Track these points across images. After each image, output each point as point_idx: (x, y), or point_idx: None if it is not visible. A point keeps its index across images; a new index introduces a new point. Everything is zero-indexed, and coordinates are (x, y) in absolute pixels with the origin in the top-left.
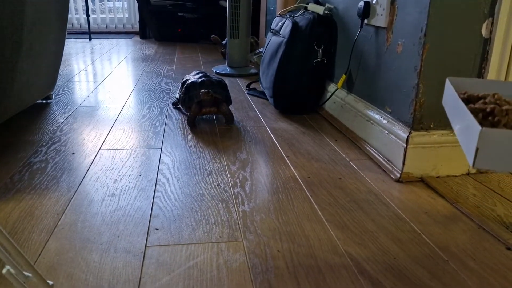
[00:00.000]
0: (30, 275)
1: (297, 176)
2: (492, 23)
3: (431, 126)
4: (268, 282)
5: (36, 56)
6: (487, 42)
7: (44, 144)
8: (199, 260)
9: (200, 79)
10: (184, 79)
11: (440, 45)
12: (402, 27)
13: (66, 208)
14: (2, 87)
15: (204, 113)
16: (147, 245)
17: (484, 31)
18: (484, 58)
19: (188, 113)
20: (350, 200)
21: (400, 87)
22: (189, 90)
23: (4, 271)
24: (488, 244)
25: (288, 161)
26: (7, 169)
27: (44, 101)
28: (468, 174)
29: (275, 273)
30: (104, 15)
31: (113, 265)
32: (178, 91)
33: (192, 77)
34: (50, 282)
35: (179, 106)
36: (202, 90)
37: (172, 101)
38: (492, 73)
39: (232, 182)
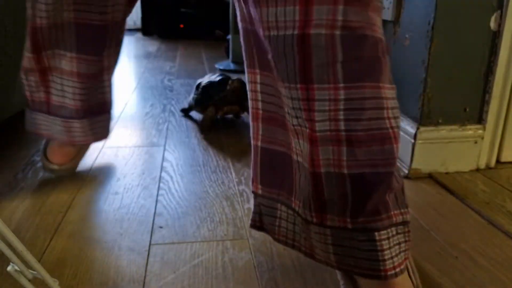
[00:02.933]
0: (35, 272)
1: None
2: (500, 16)
3: (440, 121)
4: (274, 280)
5: None
6: (495, 35)
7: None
8: (204, 258)
9: (218, 78)
10: (198, 82)
11: (448, 38)
12: (409, 20)
13: (70, 206)
14: (4, 85)
15: (225, 112)
16: (151, 243)
17: (492, 24)
18: (493, 51)
19: (204, 116)
20: None
21: (408, 82)
22: (207, 89)
23: (9, 268)
24: (498, 240)
25: None
26: (11, 167)
27: None
28: (478, 170)
29: (281, 271)
30: None
31: (117, 263)
32: (191, 94)
33: (208, 78)
34: (55, 280)
35: (193, 110)
36: (233, 78)
37: (182, 108)
38: (501, 66)
39: (236, 180)
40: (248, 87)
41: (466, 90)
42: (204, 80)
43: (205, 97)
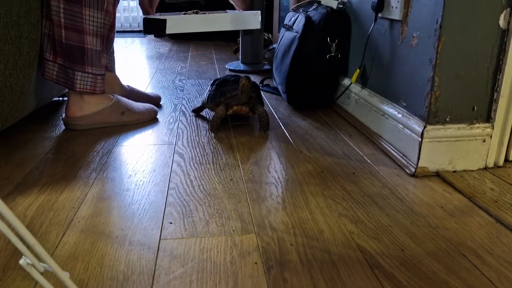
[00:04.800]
0: (46, 265)
1: (310, 171)
2: (510, 14)
3: (447, 119)
4: (281, 276)
5: None
6: (505, 33)
7: (60, 141)
8: (213, 253)
9: (233, 77)
10: (213, 80)
11: (456, 37)
12: (417, 19)
13: (82, 202)
14: (19, 84)
15: (235, 111)
16: (161, 238)
17: (502, 22)
18: (502, 49)
19: (214, 113)
20: (364, 195)
21: (415, 81)
22: (220, 86)
23: (21, 261)
24: (506, 239)
25: (301, 156)
26: (26, 164)
27: (60, 98)
28: (486, 168)
29: (289, 266)
30: (119, 14)
31: (128, 257)
32: (206, 92)
33: (223, 77)
34: (66, 273)
35: (206, 107)
36: (243, 76)
37: (193, 109)
38: (510, 65)
39: (245, 177)
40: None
41: (474, 89)
42: (220, 78)
43: (218, 94)
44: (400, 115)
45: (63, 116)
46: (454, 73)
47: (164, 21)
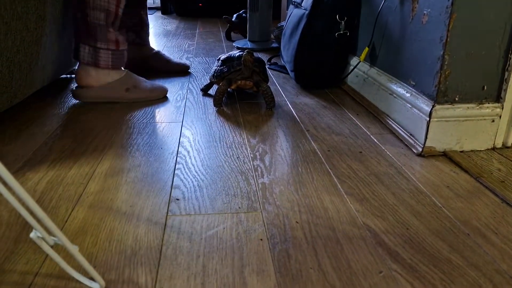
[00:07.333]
0: (56, 239)
1: (317, 150)
2: None
3: (456, 99)
4: (286, 252)
5: (60, 31)
6: None
7: (68, 118)
8: (219, 229)
9: (238, 53)
10: (219, 56)
11: (468, 14)
12: None
13: (91, 178)
14: (27, 61)
15: (238, 86)
16: (169, 214)
17: None
18: None
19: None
20: (370, 174)
21: (425, 59)
22: (225, 61)
23: (31, 235)
24: (511, 219)
25: (308, 135)
26: (34, 141)
27: (68, 76)
28: (494, 149)
29: (293, 243)
30: None
31: (136, 232)
32: (212, 70)
33: (229, 53)
34: (75, 247)
35: (214, 83)
36: (246, 51)
37: (201, 88)
38: None
39: (251, 155)
40: None
41: (485, 68)
42: (226, 54)
43: (223, 69)
44: (408, 94)
45: (73, 86)
46: (464, 51)
47: None
